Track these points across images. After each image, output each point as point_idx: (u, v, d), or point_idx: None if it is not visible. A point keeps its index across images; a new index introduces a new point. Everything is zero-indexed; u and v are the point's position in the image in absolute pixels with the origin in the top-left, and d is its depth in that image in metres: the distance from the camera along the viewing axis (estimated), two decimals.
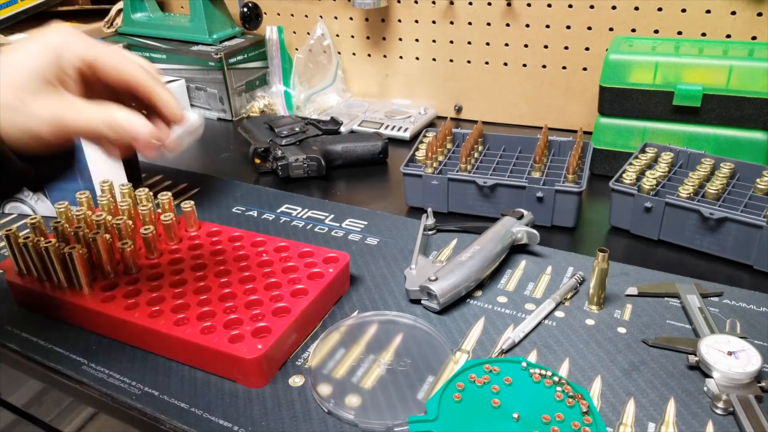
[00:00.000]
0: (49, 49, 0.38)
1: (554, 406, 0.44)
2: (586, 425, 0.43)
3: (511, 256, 0.66)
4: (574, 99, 0.98)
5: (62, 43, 0.39)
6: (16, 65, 0.38)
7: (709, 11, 0.84)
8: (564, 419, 0.43)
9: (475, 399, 0.45)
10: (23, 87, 0.37)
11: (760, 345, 0.51)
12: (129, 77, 0.42)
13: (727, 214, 0.61)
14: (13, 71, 0.37)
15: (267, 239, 0.64)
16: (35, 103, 0.38)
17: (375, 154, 0.90)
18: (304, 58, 1.09)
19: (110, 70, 0.41)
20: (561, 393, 0.45)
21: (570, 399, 0.45)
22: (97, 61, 0.40)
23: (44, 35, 0.39)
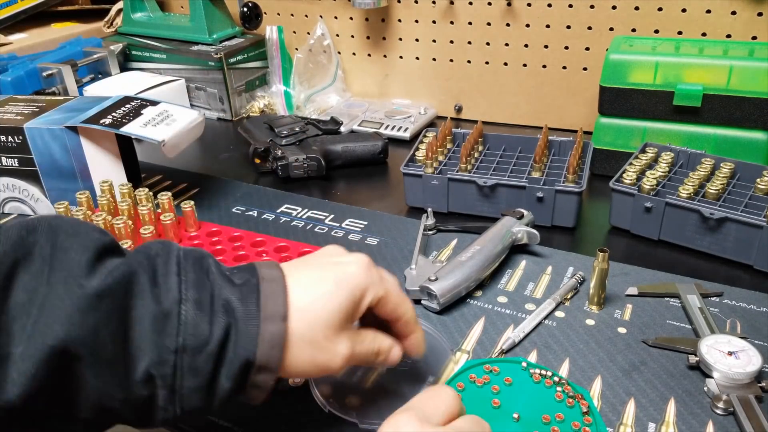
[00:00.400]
0: (354, 288, 0.39)
1: (554, 406, 0.44)
2: (587, 425, 0.43)
3: (511, 256, 0.66)
4: (575, 99, 0.97)
5: (365, 286, 0.40)
6: (326, 305, 0.38)
7: (710, 11, 0.84)
8: (564, 419, 0.43)
9: (475, 399, 0.45)
10: (333, 326, 0.38)
11: (761, 345, 0.51)
12: (402, 316, 0.43)
13: (728, 214, 0.61)
14: (322, 311, 0.38)
15: (267, 239, 0.64)
16: (338, 340, 0.39)
17: (375, 154, 0.90)
18: (304, 58, 1.09)
19: (390, 305, 0.42)
20: (561, 393, 0.45)
21: (570, 399, 0.45)
22: (385, 299, 0.41)
23: (346, 268, 0.40)
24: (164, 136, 0.71)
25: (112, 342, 0.33)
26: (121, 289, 0.34)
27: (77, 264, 0.33)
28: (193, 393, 0.35)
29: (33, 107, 0.77)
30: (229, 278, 0.37)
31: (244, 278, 0.38)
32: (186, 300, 0.35)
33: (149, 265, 0.36)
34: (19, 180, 0.75)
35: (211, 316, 0.35)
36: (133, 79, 1.04)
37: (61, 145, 0.71)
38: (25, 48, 1.12)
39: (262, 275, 0.38)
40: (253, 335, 0.36)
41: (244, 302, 0.36)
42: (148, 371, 0.34)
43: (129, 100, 0.78)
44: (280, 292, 0.37)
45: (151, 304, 0.34)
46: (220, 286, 0.36)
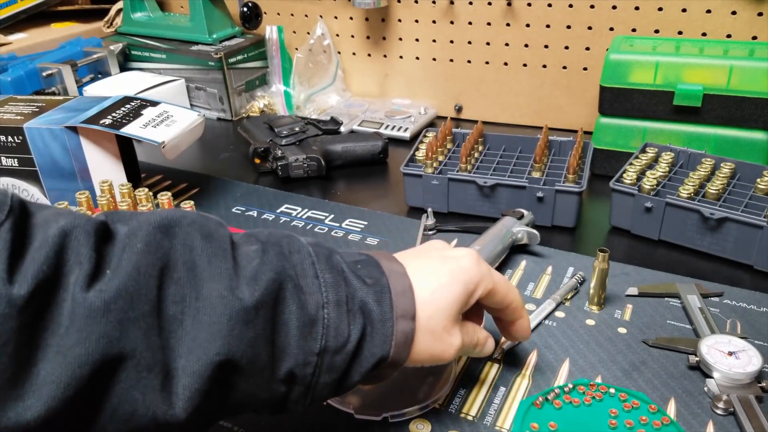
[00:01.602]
0: (468, 283, 0.41)
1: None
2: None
3: (512, 256, 0.66)
4: (575, 99, 0.97)
5: (479, 280, 0.42)
6: (445, 297, 0.40)
7: (710, 11, 0.84)
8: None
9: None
10: (450, 318, 0.40)
11: (761, 345, 0.51)
12: (510, 303, 0.45)
13: (728, 214, 0.61)
14: (442, 302, 0.40)
15: None
16: (453, 331, 0.41)
17: (375, 154, 0.89)
18: (304, 58, 1.09)
19: (498, 296, 0.43)
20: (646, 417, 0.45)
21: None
22: (494, 291, 0.43)
23: (459, 262, 0.42)
24: (164, 137, 0.71)
25: (265, 349, 0.33)
26: (272, 299, 0.34)
27: (226, 273, 0.33)
28: (325, 387, 0.36)
29: (33, 107, 0.77)
30: (360, 276, 0.38)
31: (374, 276, 0.39)
32: (327, 303, 0.36)
33: (289, 269, 0.36)
34: (19, 180, 0.75)
35: (350, 317, 0.36)
36: (133, 79, 1.04)
37: (61, 145, 0.71)
38: (25, 48, 1.12)
39: (388, 272, 0.39)
40: (388, 335, 0.37)
41: (379, 303, 0.37)
42: (292, 371, 0.34)
43: (129, 101, 0.77)
44: (408, 291, 0.39)
45: (298, 310, 0.35)
46: (356, 287, 0.37)
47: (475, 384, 0.49)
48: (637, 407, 0.45)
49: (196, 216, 0.35)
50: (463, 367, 0.51)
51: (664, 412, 0.45)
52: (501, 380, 0.49)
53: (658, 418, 0.44)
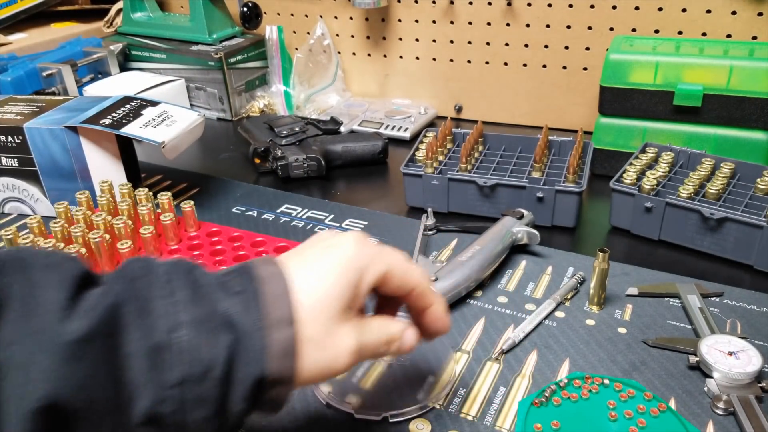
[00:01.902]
0: (352, 271, 0.35)
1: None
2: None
3: (512, 256, 0.66)
4: (575, 99, 0.97)
5: (365, 264, 0.36)
6: (318, 292, 0.34)
7: (710, 11, 0.84)
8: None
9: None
10: (337, 317, 0.34)
11: (761, 345, 0.51)
12: (414, 287, 0.39)
13: (728, 214, 0.61)
14: (315, 300, 0.34)
15: (267, 239, 0.64)
16: (342, 332, 0.34)
17: (375, 154, 0.89)
18: (304, 58, 1.09)
19: (396, 280, 0.38)
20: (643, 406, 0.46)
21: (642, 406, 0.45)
22: (389, 274, 0.37)
23: (341, 250, 0.36)
24: (164, 137, 0.71)
25: (106, 388, 0.29)
26: (106, 328, 0.30)
27: (55, 305, 0.29)
28: (204, 423, 0.31)
29: (33, 107, 0.77)
30: (225, 286, 0.33)
31: (242, 285, 0.33)
32: (180, 325, 0.31)
33: (132, 292, 0.32)
34: (19, 180, 0.75)
35: (212, 336, 0.31)
36: (133, 79, 1.04)
37: (61, 145, 0.71)
38: (25, 48, 1.12)
39: (260, 276, 0.34)
40: (261, 348, 0.32)
41: (247, 312, 0.32)
42: (150, 412, 0.30)
43: (129, 100, 0.78)
44: (284, 293, 0.33)
45: (142, 338, 0.30)
46: (218, 300, 0.32)
47: (475, 384, 0.49)
48: (633, 396, 0.46)
49: (41, 250, 0.32)
50: (463, 367, 0.51)
51: (660, 398, 0.46)
52: (501, 380, 0.49)
53: (654, 406, 0.45)
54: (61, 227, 0.59)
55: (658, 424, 0.44)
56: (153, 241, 0.61)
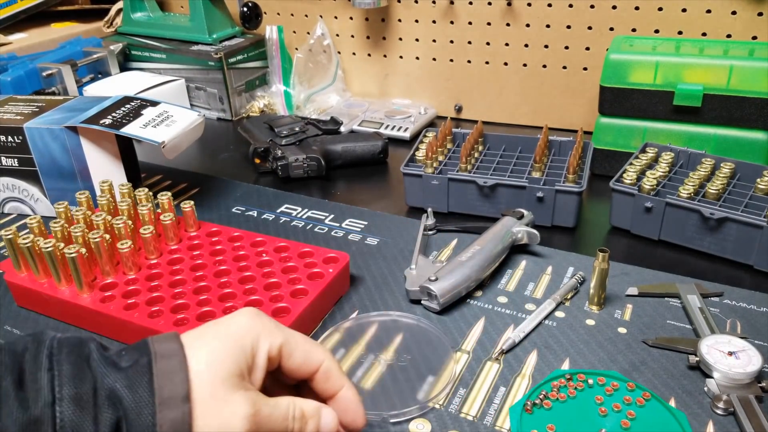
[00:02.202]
0: (245, 338, 0.34)
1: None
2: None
3: (512, 256, 0.66)
4: (575, 99, 0.97)
5: (257, 334, 0.35)
6: (211, 358, 0.33)
7: (710, 11, 0.84)
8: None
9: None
10: (220, 382, 0.33)
11: (761, 345, 0.51)
12: (317, 365, 0.37)
13: (728, 214, 0.61)
14: (206, 366, 0.33)
15: (267, 239, 0.64)
16: (233, 399, 0.33)
17: (375, 154, 0.89)
18: (304, 58, 1.09)
19: (297, 355, 0.36)
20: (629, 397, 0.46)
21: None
22: (288, 348, 0.36)
23: (234, 320, 0.35)
24: (164, 137, 0.71)
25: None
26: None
27: None
28: None
29: (33, 107, 0.77)
30: (114, 362, 0.32)
31: (133, 359, 0.32)
32: (61, 399, 0.29)
33: (14, 365, 0.30)
34: (19, 180, 0.75)
35: (95, 412, 0.30)
36: (133, 79, 1.04)
37: (61, 145, 0.71)
38: (25, 48, 1.12)
39: (155, 351, 0.32)
40: (147, 427, 0.30)
41: (133, 388, 0.31)
42: None
43: (129, 100, 0.77)
44: (178, 369, 0.32)
45: (17, 411, 0.28)
46: (103, 374, 0.31)
47: (475, 384, 0.49)
48: (618, 389, 0.47)
49: None
50: (463, 367, 0.51)
51: (643, 387, 0.47)
52: (501, 380, 0.49)
53: (639, 395, 0.46)
54: (61, 227, 0.59)
55: (645, 413, 0.45)
56: (153, 241, 0.61)
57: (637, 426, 0.44)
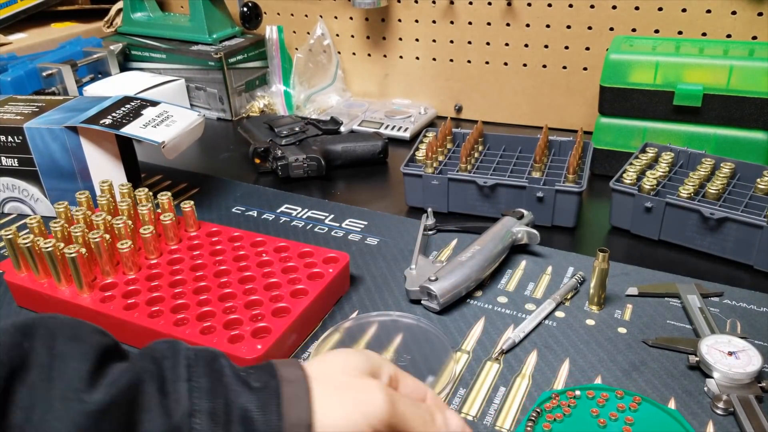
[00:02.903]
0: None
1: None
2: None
3: (512, 256, 0.66)
4: (575, 99, 0.97)
5: (374, 356, 0.38)
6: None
7: (710, 11, 0.84)
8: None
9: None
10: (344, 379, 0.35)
11: (761, 345, 0.51)
12: (424, 393, 0.39)
13: (728, 214, 0.61)
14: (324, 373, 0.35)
15: (267, 239, 0.64)
16: (366, 384, 0.35)
17: (375, 154, 0.89)
18: (304, 58, 1.09)
19: (409, 385, 0.39)
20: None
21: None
22: (398, 373, 0.39)
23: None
24: (164, 137, 0.71)
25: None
26: (127, 402, 0.30)
27: (78, 375, 0.30)
28: None
29: (33, 107, 0.77)
30: (245, 381, 0.33)
31: (263, 380, 0.33)
32: (199, 411, 0.31)
33: (156, 371, 0.32)
34: (19, 180, 0.75)
35: (227, 428, 0.31)
36: (132, 79, 1.04)
37: (61, 145, 0.71)
38: (25, 48, 1.12)
39: (282, 376, 0.34)
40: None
41: (264, 410, 0.32)
42: None
43: (129, 100, 0.77)
44: (303, 396, 0.33)
45: (160, 418, 0.30)
46: (237, 393, 0.32)
47: (475, 384, 0.49)
48: (608, 399, 0.46)
49: (69, 320, 0.33)
50: (463, 367, 0.51)
51: (632, 392, 0.47)
52: (501, 380, 0.49)
53: (630, 400, 0.46)
54: (61, 227, 0.59)
55: (642, 416, 0.45)
56: (153, 241, 0.61)
57: (638, 429, 0.44)
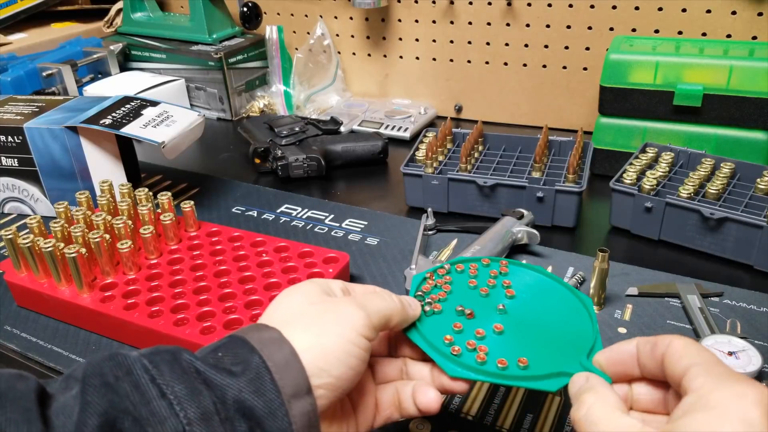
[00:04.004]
0: (362, 330, 0.34)
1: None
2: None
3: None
4: (575, 99, 0.97)
5: (368, 321, 0.35)
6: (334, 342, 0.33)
7: (710, 11, 0.84)
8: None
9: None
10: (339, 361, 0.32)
11: (761, 345, 0.51)
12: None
13: (728, 214, 0.61)
14: (311, 335, 0.33)
15: (267, 239, 0.64)
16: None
17: (375, 154, 0.89)
18: (304, 58, 1.09)
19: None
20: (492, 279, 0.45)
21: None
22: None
23: (348, 316, 0.34)
24: (164, 137, 0.71)
25: None
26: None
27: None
28: None
29: (33, 107, 0.77)
30: (222, 368, 0.30)
31: (241, 358, 0.30)
32: (189, 423, 0.27)
33: (122, 401, 0.27)
34: (19, 180, 0.75)
35: (229, 426, 0.28)
36: (132, 79, 1.04)
37: (61, 145, 0.71)
38: (25, 48, 1.12)
39: (258, 344, 0.31)
40: (284, 428, 0.29)
41: (259, 392, 0.29)
42: None
43: (129, 100, 0.77)
44: (292, 358, 0.30)
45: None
46: (222, 386, 0.29)
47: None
48: (478, 269, 0.46)
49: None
50: None
51: (497, 258, 0.47)
52: None
53: (498, 266, 0.46)
54: (61, 227, 0.59)
55: (515, 277, 0.45)
56: (153, 241, 0.61)
57: (519, 289, 0.44)
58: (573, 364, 0.36)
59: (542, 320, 0.41)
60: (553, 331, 0.40)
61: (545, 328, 0.40)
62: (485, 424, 0.46)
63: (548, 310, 0.42)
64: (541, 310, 0.42)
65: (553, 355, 0.38)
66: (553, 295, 0.43)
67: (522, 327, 0.40)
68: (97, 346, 0.55)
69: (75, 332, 0.57)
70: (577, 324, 0.41)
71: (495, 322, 0.40)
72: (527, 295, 0.43)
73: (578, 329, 0.40)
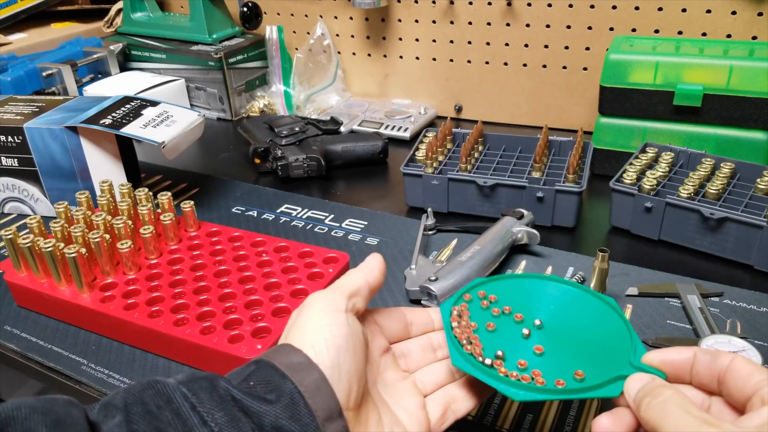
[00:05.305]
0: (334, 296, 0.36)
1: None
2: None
3: (512, 256, 0.66)
4: (575, 99, 0.97)
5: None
6: (329, 344, 0.33)
7: (710, 11, 0.84)
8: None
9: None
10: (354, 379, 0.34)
11: (761, 345, 0.51)
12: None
13: (728, 214, 0.61)
14: (329, 351, 0.33)
15: (267, 239, 0.64)
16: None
17: (375, 154, 0.89)
18: (304, 58, 1.09)
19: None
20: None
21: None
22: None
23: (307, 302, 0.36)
24: (164, 137, 0.71)
25: None
26: None
27: None
28: None
29: (33, 107, 0.77)
30: (258, 396, 0.31)
31: (274, 384, 0.31)
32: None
33: (167, 428, 0.29)
34: (19, 180, 0.75)
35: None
36: (132, 79, 1.04)
37: (61, 145, 0.71)
38: (25, 48, 1.12)
39: (287, 369, 0.32)
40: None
41: (295, 418, 0.30)
42: None
43: (129, 100, 0.77)
44: (321, 382, 0.31)
45: None
46: (260, 413, 0.30)
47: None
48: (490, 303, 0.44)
49: (35, 402, 0.28)
50: None
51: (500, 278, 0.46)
52: None
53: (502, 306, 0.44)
54: (61, 227, 0.59)
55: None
56: (153, 241, 0.61)
57: (540, 305, 0.43)
58: (624, 366, 0.36)
59: (575, 329, 0.41)
60: (589, 337, 0.40)
61: (581, 336, 0.40)
62: (485, 424, 0.46)
63: (576, 317, 0.42)
64: (569, 319, 0.42)
65: (602, 361, 0.37)
66: (575, 301, 0.43)
67: (560, 341, 0.40)
68: (97, 346, 0.55)
69: (75, 332, 0.57)
70: (609, 325, 0.40)
71: (534, 344, 0.40)
72: (552, 307, 0.43)
73: (612, 330, 0.40)
